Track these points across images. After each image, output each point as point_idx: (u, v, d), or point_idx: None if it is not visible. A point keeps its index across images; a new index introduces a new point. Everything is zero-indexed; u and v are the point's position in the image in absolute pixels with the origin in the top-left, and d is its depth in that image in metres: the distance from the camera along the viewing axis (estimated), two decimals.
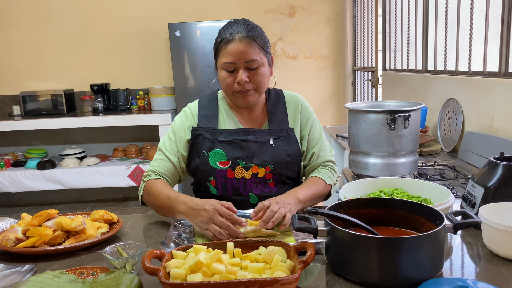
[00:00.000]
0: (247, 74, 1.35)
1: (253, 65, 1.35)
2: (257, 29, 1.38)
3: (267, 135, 1.44)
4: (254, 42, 1.34)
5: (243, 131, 1.43)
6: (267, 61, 1.40)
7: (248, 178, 1.41)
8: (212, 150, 1.40)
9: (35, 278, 0.92)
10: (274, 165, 1.42)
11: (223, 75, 1.37)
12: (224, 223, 1.11)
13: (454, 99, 2.30)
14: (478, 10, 2.18)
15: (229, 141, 1.41)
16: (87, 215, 1.33)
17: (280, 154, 1.43)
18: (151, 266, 0.87)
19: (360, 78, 4.38)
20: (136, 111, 4.55)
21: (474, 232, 1.15)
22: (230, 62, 1.34)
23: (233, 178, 1.41)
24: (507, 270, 0.95)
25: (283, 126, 1.47)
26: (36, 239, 1.14)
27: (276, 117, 1.48)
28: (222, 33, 1.37)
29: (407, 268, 0.87)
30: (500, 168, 1.15)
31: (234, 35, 1.33)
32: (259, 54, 1.35)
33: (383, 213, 1.09)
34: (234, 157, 1.40)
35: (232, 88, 1.38)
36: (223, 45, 1.35)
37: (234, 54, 1.33)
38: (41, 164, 4.29)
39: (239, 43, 1.32)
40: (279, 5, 4.65)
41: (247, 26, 1.36)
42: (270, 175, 1.43)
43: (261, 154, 1.41)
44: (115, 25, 4.61)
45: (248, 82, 1.36)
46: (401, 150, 1.64)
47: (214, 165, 1.40)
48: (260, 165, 1.41)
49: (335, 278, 0.94)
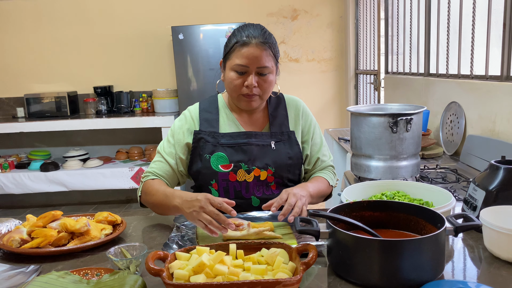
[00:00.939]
0: (257, 79, 1.37)
1: (264, 71, 1.37)
2: (272, 38, 1.40)
3: (268, 138, 1.45)
4: (269, 50, 1.36)
5: (245, 134, 1.44)
6: (275, 69, 1.43)
7: (250, 181, 1.42)
8: (214, 153, 1.41)
9: (40, 278, 0.93)
10: (276, 168, 1.43)
11: (232, 76, 1.38)
12: (213, 212, 1.11)
13: (456, 102, 2.30)
14: (480, 14, 2.18)
15: (231, 145, 1.42)
16: (91, 216, 1.34)
17: (282, 156, 1.44)
18: (155, 267, 0.88)
19: (363, 81, 4.39)
20: (139, 113, 4.57)
21: (475, 235, 1.16)
22: (243, 64, 1.35)
23: (235, 181, 1.42)
24: (508, 273, 0.96)
25: (284, 129, 1.48)
26: (41, 240, 1.16)
27: (277, 120, 1.49)
28: (238, 34, 1.37)
29: (408, 270, 0.88)
30: (502, 172, 1.16)
31: (251, 39, 1.34)
32: (271, 62, 1.37)
33: (384, 215, 1.10)
34: (236, 160, 1.41)
35: (240, 90, 1.39)
36: (238, 46, 1.35)
37: (249, 58, 1.34)
38: (45, 166, 4.31)
39: (255, 47, 1.33)
40: (281, 8, 4.66)
41: (264, 33, 1.37)
42: (272, 177, 1.44)
43: (263, 157, 1.42)
44: (119, 28, 4.64)
45: (256, 87, 1.37)
46: (403, 153, 1.65)
47: (216, 168, 1.41)
48: (262, 168, 1.42)
49: (336, 280, 0.95)
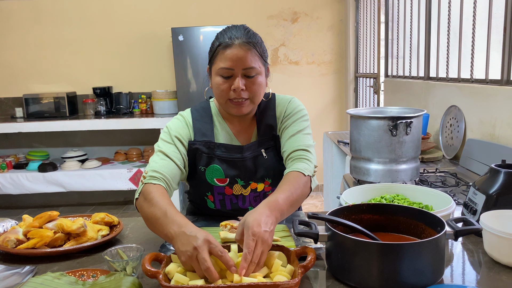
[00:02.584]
0: (244, 82, 1.27)
1: (251, 72, 1.27)
2: (257, 37, 1.31)
3: (257, 147, 1.38)
4: (254, 49, 1.27)
5: (239, 148, 1.36)
6: (264, 70, 1.33)
7: (247, 194, 1.39)
8: (209, 165, 1.35)
9: (36, 279, 0.92)
10: (272, 178, 1.38)
11: (218, 81, 1.28)
12: (204, 263, 0.88)
13: (456, 106, 2.30)
14: (480, 18, 2.18)
15: (225, 158, 1.35)
16: (88, 217, 1.33)
17: (275, 164, 1.38)
18: (151, 269, 0.87)
19: (362, 84, 4.39)
20: (138, 114, 4.56)
21: (475, 239, 1.15)
22: (227, 67, 1.25)
23: (231, 194, 1.38)
24: (508, 277, 0.95)
25: (270, 133, 1.39)
26: (36, 240, 1.15)
27: (263, 124, 1.40)
28: (220, 37, 1.28)
29: (407, 274, 0.87)
30: (502, 176, 1.15)
31: (233, 40, 1.25)
32: (257, 62, 1.28)
33: (384, 219, 1.09)
34: (232, 175, 1.35)
35: (227, 95, 1.29)
36: (221, 49, 1.26)
37: (233, 60, 1.24)
38: (43, 167, 4.30)
39: (239, 48, 1.24)
40: (282, 11, 4.67)
41: (247, 33, 1.28)
42: (269, 187, 1.40)
43: (258, 169, 1.37)
44: (119, 28, 4.64)
45: (244, 91, 1.27)
46: (402, 157, 1.64)
47: (211, 181, 1.36)
48: (258, 180, 1.38)
49: (335, 283, 0.94)
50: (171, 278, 0.90)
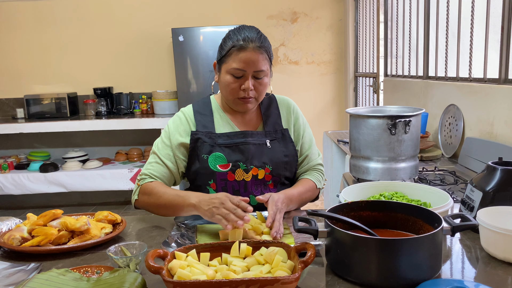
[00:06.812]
0: (253, 82, 1.38)
1: (261, 75, 1.38)
2: (267, 41, 1.42)
3: (263, 137, 1.47)
4: (265, 54, 1.38)
5: (241, 133, 1.46)
6: (269, 72, 1.44)
7: (249, 180, 1.43)
8: (211, 153, 1.42)
9: (41, 275, 0.94)
10: (273, 166, 1.45)
11: (229, 80, 1.39)
12: (232, 208, 1.16)
13: (455, 105, 2.32)
14: (478, 17, 2.20)
15: (228, 145, 1.43)
16: (91, 215, 1.35)
17: (278, 155, 1.46)
18: (155, 265, 0.89)
19: (362, 84, 4.41)
20: (138, 115, 4.58)
21: (472, 235, 1.17)
22: (241, 69, 1.36)
23: (233, 180, 1.43)
24: (504, 272, 0.97)
25: (278, 127, 1.51)
26: (41, 238, 1.16)
27: (270, 119, 1.52)
28: (234, 37, 1.37)
29: (405, 269, 0.89)
30: (498, 173, 1.17)
31: (248, 43, 1.34)
32: (266, 65, 1.39)
33: (382, 215, 1.11)
34: (234, 160, 1.42)
35: (236, 94, 1.40)
36: (235, 50, 1.35)
37: (246, 62, 1.35)
38: (44, 167, 4.32)
39: (252, 52, 1.34)
40: (281, 11, 4.68)
41: (260, 36, 1.38)
42: (270, 176, 1.45)
43: (260, 155, 1.44)
44: (119, 29, 4.65)
45: (252, 90, 1.39)
46: (401, 155, 1.66)
47: (214, 168, 1.42)
48: (259, 166, 1.44)
49: (334, 278, 0.96)
50: (174, 274, 0.91)
